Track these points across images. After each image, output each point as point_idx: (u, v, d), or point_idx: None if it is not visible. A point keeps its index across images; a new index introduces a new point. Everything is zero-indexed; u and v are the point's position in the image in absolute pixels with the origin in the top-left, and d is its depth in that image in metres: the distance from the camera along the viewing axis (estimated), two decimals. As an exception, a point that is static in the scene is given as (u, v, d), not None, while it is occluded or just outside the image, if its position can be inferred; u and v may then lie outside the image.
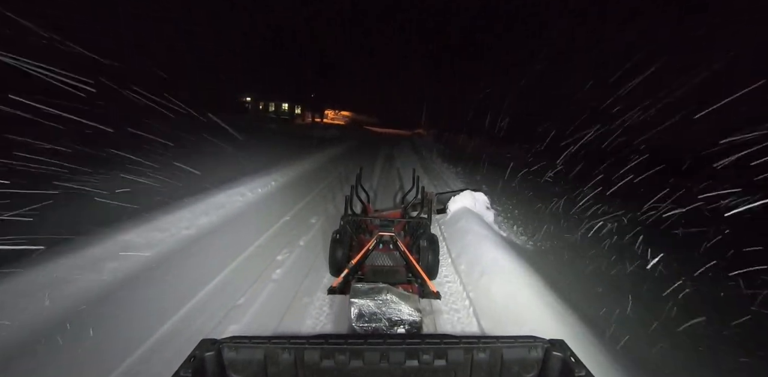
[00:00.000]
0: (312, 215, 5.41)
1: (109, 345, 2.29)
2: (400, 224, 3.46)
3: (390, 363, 0.98)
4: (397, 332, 1.71)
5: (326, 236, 3.86)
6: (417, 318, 1.76)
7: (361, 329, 1.71)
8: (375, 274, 2.42)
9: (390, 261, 2.71)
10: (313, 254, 3.96)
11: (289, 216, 5.26)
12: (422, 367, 0.99)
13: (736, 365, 2.97)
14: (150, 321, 2.56)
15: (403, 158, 13.03)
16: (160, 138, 7.30)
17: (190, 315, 2.72)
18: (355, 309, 1.76)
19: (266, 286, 3.23)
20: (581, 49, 17.31)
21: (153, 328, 2.50)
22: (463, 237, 4.23)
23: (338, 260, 2.95)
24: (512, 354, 1.00)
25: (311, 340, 1.00)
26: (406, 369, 0.99)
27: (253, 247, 4.03)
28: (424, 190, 4.28)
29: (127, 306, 2.71)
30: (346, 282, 2.33)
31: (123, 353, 2.24)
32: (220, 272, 3.39)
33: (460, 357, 0.99)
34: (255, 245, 4.10)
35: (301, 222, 5.04)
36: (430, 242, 3.11)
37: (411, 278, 2.48)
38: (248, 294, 3.06)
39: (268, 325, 2.67)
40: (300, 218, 5.24)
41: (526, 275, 3.11)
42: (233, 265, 3.56)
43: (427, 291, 2.35)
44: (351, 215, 3.24)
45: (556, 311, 2.58)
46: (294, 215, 5.33)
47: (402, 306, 1.78)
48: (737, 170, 7.06)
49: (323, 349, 0.98)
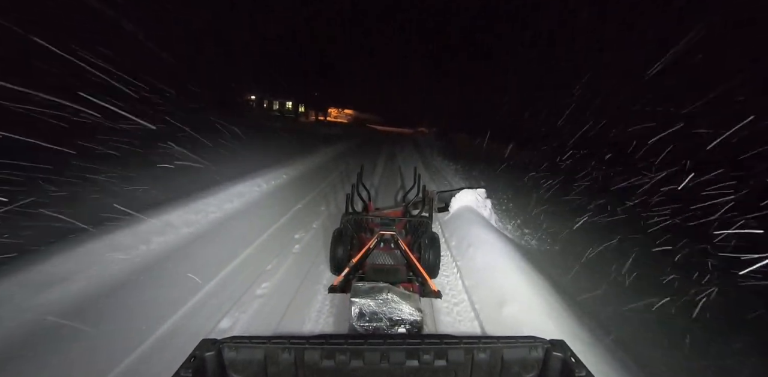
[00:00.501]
0: (322, 202, 6.14)
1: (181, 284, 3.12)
2: (401, 222, 3.46)
3: (390, 363, 0.98)
4: (398, 331, 1.71)
5: (336, 221, 4.24)
6: (418, 318, 1.76)
7: (362, 328, 1.70)
8: (376, 273, 2.42)
9: (391, 260, 2.70)
10: (326, 235, 4.26)
11: (301, 204, 5.87)
12: (422, 367, 0.99)
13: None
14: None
15: (405, 154, 13.61)
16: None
17: (230, 275, 3.40)
18: (355, 308, 1.76)
19: (287, 258, 3.87)
20: (581, 49, 17.28)
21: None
22: (456, 223, 4.72)
23: (339, 258, 2.95)
24: (512, 354, 0.99)
25: (311, 340, 1.00)
26: (407, 369, 0.99)
27: (272, 229, 4.67)
28: (425, 189, 4.28)
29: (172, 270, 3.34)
30: (347, 281, 2.33)
31: (195, 287, 3.10)
32: (249, 246, 4.06)
33: (460, 358, 0.99)
34: (274, 227, 4.72)
35: (312, 209, 5.68)
36: (432, 240, 3.11)
37: (412, 277, 2.48)
38: (274, 263, 3.72)
39: (292, 284, 3.32)
40: (312, 204, 5.94)
41: (504, 247, 3.64)
42: (258, 241, 4.23)
43: (428, 290, 2.35)
44: (352, 213, 3.24)
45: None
46: (306, 204, 5.95)
47: (403, 305, 1.78)
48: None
49: (323, 349, 0.98)
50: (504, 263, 3.35)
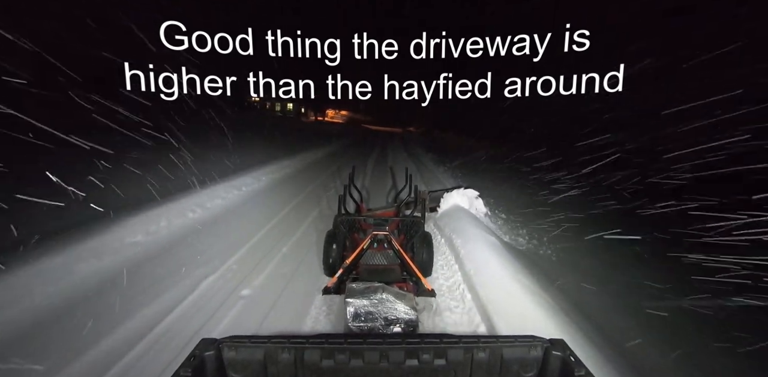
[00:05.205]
0: (331, 182, 7.53)
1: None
2: (394, 222, 3.46)
3: (390, 362, 0.98)
4: (394, 331, 1.71)
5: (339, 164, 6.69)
6: (413, 316, 1.77)
7: (358, 328, 1.71)
8: (370, 273, 2.42)
9: (385, 260, 2.70)
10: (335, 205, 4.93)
11: (311, 187, 7.15)
12: (422, 367, 0.99)
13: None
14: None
15: (393, 147, 16.66)
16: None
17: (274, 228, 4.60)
18: (350, 309, 1.76)
19: (308, 218, 5.04)
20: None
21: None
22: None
23: (332, 260, 2.93)
24: (512, 353, 1.00)
25: (311, 340, 0.99)
26: (406, 368, 0.99)
27: (295, 202, 5.91)
28: (417, 189, 4.28)
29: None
30: (341, 282, 2.32)
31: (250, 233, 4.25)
32: (282, 209, 5.39)
33: (459, 357, 0.99)
34: (295, 202, 5.89)
35: (324, 187, 7.12)
36: (425, 240, 3.11)
37: (406, 276, 2.49)
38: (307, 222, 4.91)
39: (311, 237, 4.24)
40: (322, 186, 7.19)
41: (485, 234, 4.07)
42: (289, 207, 5.54)
43: (423, 289, 2.36)
44: (344, 214, 3.22)
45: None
46: (316, 186, 7.22)
47: (398, 304, 1.78)
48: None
49: (323, 349, 0.97)
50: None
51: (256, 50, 4.02)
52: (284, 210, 5.35)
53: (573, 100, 4.12)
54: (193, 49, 3.84)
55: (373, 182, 7.94)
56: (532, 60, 4.04)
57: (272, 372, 0.97)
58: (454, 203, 5.21)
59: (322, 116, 33.95)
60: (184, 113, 6.65)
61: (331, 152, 12.97)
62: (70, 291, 2.60)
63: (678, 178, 4.88)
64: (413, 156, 13.02)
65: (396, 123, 36.89)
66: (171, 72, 3.83)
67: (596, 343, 2.24)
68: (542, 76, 4.06)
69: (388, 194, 6.98)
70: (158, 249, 3.49)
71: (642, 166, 5.48)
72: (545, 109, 8.29)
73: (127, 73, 3.71)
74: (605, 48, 3.99)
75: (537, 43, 4.00)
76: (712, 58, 4.77)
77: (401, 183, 5.62)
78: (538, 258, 4.28)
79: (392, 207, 4.75)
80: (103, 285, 2.75)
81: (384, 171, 9.14)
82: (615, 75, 3.86)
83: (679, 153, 4.98)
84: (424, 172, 9.25)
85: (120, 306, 2.51)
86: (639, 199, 4.90)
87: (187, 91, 3.94)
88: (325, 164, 9.92)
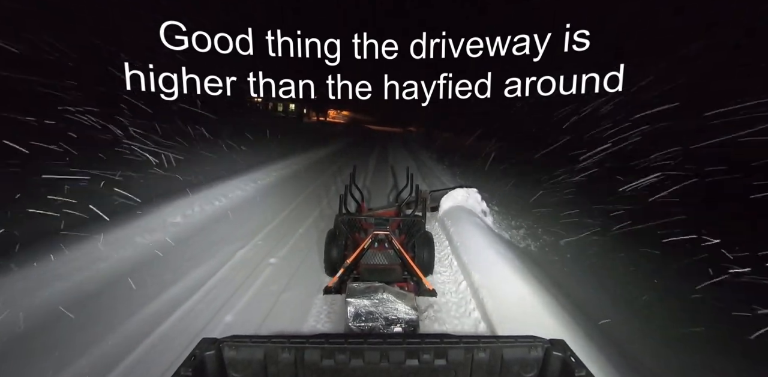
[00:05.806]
0: (338, 175, 8.14)
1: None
2: (395, 222, 3.45)
3: (390, 362, 0.98)
4: (394, 330, 1.71)
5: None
6: (414, 316, 1.77)
7: (358, 328, 1.70)
8: (371, 273, 2.42)
9: (385, 260, 2.70)
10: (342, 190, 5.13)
11: (320, 181, 7.62)
12: (422, 367, 0.99)
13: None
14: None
15: (394, 147, 17.16)
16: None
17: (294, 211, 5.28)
18: (351, 309, 1.76)
19: (320, 206, 5.55)
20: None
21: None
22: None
23: (333, 259, 2.93)
24: (512, 353, 1.00)
25: (311, 339, 0.99)
26: (406, 368, 0.99)
27: (306, 193, 6.45)
28: (419, 188, 4.28)
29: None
30: (342, 282, 2.32)
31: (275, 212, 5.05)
32: (296, 198, 5.94)
33: (460, 357, 0.99)
34: (305, 193, 6.42)
35: (332, 179, 7.74)
36: (426, 239, 3.11)
37: (407, 276, 2.48)
38: (322, 207, 5.47)
39: (324, 222, 4.61)
40: (330, 179, 7.79)
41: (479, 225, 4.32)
42: (302, 196, 6.16)
43: (423, 289, 2.35)
44: (345, 214, 3.22)
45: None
46: (325, 179, 7.78)
47: (398, 304, 1.78)
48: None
49: (323, 349, 0.97)
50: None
51: (256, 50, 4.01)
52: (299, 198, 6.05)
53: (574, 100, 4.14)
54: (193, 49, 3.85)
55: (374, 181, 8.09)
56: (532, 60, 4.03)
57: (272, 372, 0.97)
58: (455, 202, 5.21)
59: (324, 117, 34.09)
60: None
61: (334, 151, 13.50)
62: (136, 255, 3.39)
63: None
64: (413, 155, 13.37)
65: (396, 123, 36.99)
66: (171, 72, 3.83)
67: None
68: (542, 76, 4.05)
69: (389, 193, 6.99)
70: (195, 229, 4.15)
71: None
72: (545, 109, 8.32)
73: (127, 74, 3.72)
74: (605, 48, 3.98)
75: (537, 43, 3.99)
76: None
77: (402, 183, 5.60)
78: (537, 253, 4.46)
79: (393, 207, 4.73)
80: (157, 253, 3.46)
81: (385, 170, 9.45)
82: (615, 75, 3.85)
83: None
84: (423, 170, 9.54)
85: (176, 269, 3.21)
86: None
87: (187, 91, 3.95)
88: (325, 164, 10.46)
